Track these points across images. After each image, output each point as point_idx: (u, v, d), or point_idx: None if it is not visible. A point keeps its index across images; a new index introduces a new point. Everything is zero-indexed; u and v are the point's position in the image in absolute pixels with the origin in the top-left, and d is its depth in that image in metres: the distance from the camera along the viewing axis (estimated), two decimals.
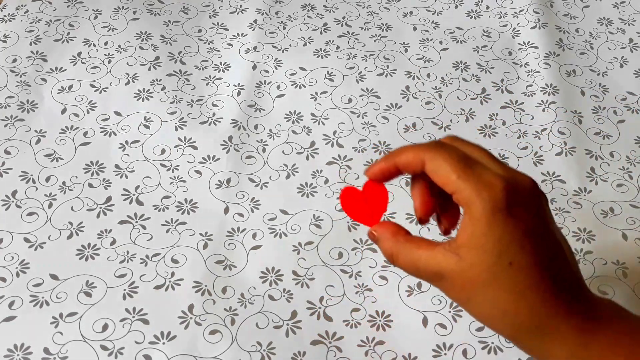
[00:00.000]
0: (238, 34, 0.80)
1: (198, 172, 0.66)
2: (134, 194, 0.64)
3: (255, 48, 0.78)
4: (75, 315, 0.55)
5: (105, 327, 0.55)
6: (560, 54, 0.78)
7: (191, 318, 0.56)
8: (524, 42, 0.79)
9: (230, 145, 0.68)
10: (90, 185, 0.64)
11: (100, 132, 0.69)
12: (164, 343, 0.54)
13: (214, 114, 0.71)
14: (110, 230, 0.61)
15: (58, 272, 0.58)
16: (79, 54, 0.77)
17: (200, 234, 0.61)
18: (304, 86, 0.74)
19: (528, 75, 0.76)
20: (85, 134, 0.69)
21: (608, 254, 0.60)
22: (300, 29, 0.81)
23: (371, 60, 0.77)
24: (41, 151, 0.67)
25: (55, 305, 0.56)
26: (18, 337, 0.54)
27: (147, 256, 0.59)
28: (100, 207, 0.63)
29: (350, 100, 0.73)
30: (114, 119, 0.70)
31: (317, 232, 0.61)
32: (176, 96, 0.72)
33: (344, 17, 0.82)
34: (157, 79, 0.74)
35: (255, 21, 0.81)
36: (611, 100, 0.74)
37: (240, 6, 0.84)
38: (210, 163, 0.67)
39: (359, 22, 0.82)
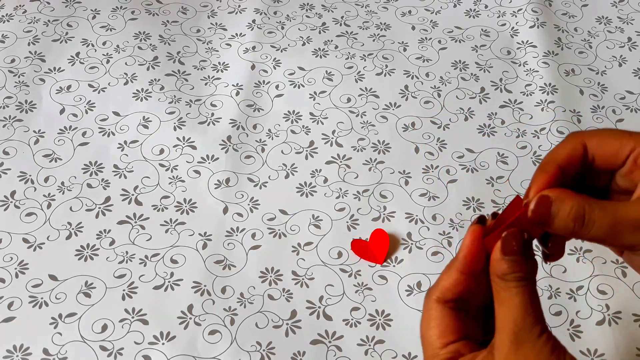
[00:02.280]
0: (236, 34, 0.80)
1: (197, 172, 0.66)
2: (132, 194, 0.64)
3: (253, 48, 0.78)
4: (74, 316, 0.55)
5: (104, 327, 0.55)
6: (559, 53, 0.78)
7: (190, 318, 0.55)
8: (522, 41, 0.79)
9: (229, 145, 0.68)
10: (89, 186, 0.64)
11: (99, 132, 0.69)
12: (163, 343, 0.54)
13: (212, 114, 0.71)
14: (109, 231, 0.61)
15: (57, 272, 0.58)
16: (77, 54, 0.76)
17: (200, 234, 0.61)
18: (303, 86, 0.74)
19: (527, 75, 0.76)
20: (83, 134, 0.69)
21: (607, 253, 0.60)
22: (299, 29, 0.81)
23: (370, 59, 0.77)
24: (40, 151, 0.67)
25: (54, 305, 0.56)
26: (17, 338, 0.54)
27: (146, 256, 0.59)
28: (99, 208, 0.63)
29: (349, 100, 0.73)
30: (113, 119, 0.70)
31: (317, 232, 0.61)
32: (175, 96, 0.72)
33: (342, 17, 0.82)
34: (155, 79, 0.74)
35: (253, 21, 0.81)
36: (610, 100, 0.74)
37: (239, 6, 0.83)
38: (209, 163, 0.66)
39: (357, 22, 0.82)
